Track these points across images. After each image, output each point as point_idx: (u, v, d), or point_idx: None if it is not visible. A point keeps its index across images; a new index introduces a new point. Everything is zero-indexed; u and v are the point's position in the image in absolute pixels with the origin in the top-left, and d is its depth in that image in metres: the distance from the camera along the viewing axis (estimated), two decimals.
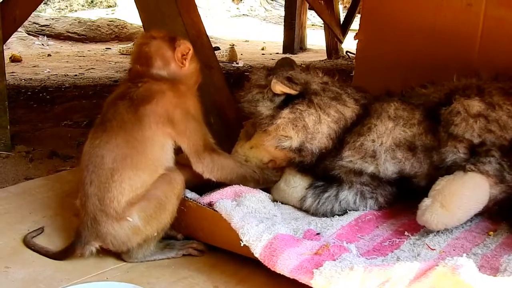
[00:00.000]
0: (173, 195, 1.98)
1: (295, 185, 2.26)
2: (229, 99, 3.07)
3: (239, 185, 2.17)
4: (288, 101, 2.18)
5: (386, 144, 2.15)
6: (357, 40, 3.21)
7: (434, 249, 1.88)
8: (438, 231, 1.97)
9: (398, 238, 2.00)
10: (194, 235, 2.11)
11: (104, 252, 2.02)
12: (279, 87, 2.15)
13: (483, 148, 2.03)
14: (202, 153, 2.05)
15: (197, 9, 3.22)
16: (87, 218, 1.96)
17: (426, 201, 1.97)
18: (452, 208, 1.94)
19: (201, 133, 2.07)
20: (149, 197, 1.95)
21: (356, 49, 3.26)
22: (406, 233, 2.03)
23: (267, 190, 2.28)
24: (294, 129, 2.14)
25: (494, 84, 2.16)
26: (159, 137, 1.99)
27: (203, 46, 3.08)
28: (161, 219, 1.97)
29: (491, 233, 2.01)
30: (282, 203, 2.27)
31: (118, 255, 2.02)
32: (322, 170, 2.22)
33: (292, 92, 2.16)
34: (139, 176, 1.95)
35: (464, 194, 1.97)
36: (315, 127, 2.15)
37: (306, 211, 2.21)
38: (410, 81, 2.40)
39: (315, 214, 2.18)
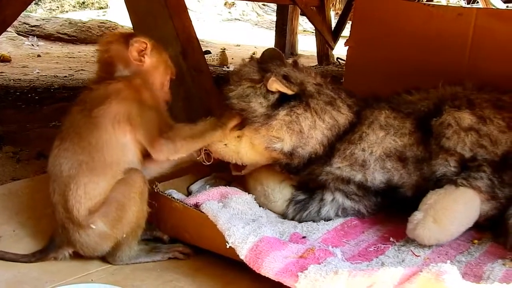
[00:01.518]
0: (133, 194, 1.94)
1: (275, 200, 2.25)
2: (218, 102, 3.07)
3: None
4: (282, 100, 2.12)
5: (376, 154, 2.14)
6: (347, 47, 3.22)
7: (418, 256, 1.89)
8: None
9: (383, 244, 2.01)
10: (180, 236, 2.10)
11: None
12: (276, 85, 2.08)
13: (474, 163, 2.04)
14: (158, 139, 1.95)
15: (188, 13, 3.23)
16: (58, 226, 1.97)
17: (418, 215, 1.97)
18: (445, 224, 1.95)
19: (156, 120, 1.98)
20: (108, 201, 1.92)
21: (347, 55, 3.28)
22: (391, 239, 2.04)
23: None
24: (288, 132, 2.10)
25: (482, 96, 2.17)
26: (118, 138, 1.94)
27: (193, 50, 3.09)
28: (127, 220, 1.94)
29: (476, 241, 2.02)
30: None
31: (104, 257, 2.02)
32: (307, 174, 2.21)
33: (289, 92, 2.10)
34: (95, 183, 1.91)
35: (457, 210, 1.97)
36: (310, 132, 2.12)
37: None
38: (400, 88, 2.40)
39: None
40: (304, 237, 1.99)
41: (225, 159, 2.27)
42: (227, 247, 1.81)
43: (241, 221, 1.88)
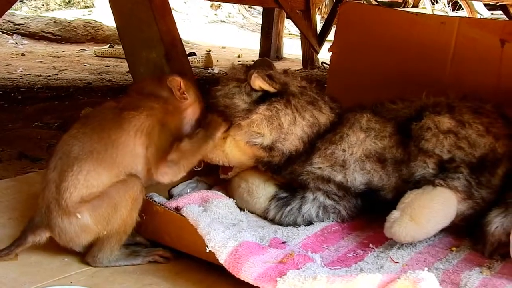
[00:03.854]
0: (128, 197, 1.94)
1: (258, 196, 2.26)
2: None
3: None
4: (264, 98, 2.17)
5: (356, 155, 2.17)
6: (331, 52, 3.24)
7: (397, 262, 1.91)
8: (402, 245, 2.00)
9: (362, 250, 2.02)
10: (160, 239, 2.10)
11: (68, 255, 2.02)
12: (259, 82, 2.14)
13: (452, 164, 2.07)
14: (164, 162, 2.01)
15: (172, 15, 3.23)
16: (43, 205, 1.96)
17: (395, 214, 1.99)
18: (421, 222, 1.96)
19: (169, 144, 2.04)
20: (102, 196, 1.93)
21: (330, 61, 3.29)
22: (370, 245, 2.05)
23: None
24: (268, 126, 2.14)
25: (463, 103, 2.20)
26: (136, 145, 1.99)
27: (177, 53, 3.09)
28: (114, 220, 1.94)
29: (454, 248, 2.04)
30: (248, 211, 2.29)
31: (83, 260, 2.01)
32: (289, 173, 2.23)
33: (271, 89, 2.16)
34: (98, 174, 1.93)
35: (433, 208, 1.99)
36: (289, 128, 2.16)
37: (271, 222, 2.23)
38: (383, 94, 2.42)
39: (279, 225, 2.20)
40: (284, 242, 2.00)
41: (213, 162, 2.31)
42: (207, 251, 1.81)
43: (221, 226, 1.89)
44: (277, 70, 2.33)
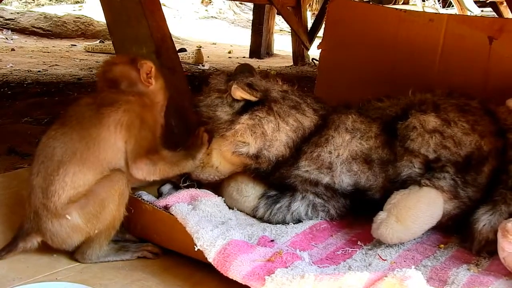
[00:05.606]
0: (114, 192, 1.95)
1: (247, 194, 2.27)
2: (191, 102, 3.07)
3: None
4: (247, 107, 2.18)
5: (343, 156, 2.17)
6: (320, 49, 3.24)
7: (385, 260, 1.92)
8: None
9: (351, 248, 2.03)
10: (149, 238, 2.10)
11: (57, 251, 2.02)
12: (239, 93, 2.14)
13: (438, 163, 2.07)
14: (142, 158, 2.01)
15: (162, 11, 3.22)
16: (30, 211, 1.96)
17: (381, 215, 2.00)
18: (407, 223, 1.97)
19: (148, 141, 2.04)
20: (88, 194, 1.93)
21: (319, 58, 3.30)
22: (359, 242, 2.06)
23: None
24: (252, 135, 2.15)
25: (449, 100, 2.21)
26: (116, 140, 1.98)
27: (167, 49, 3.08)
28: (103, 217, 1.94)
29: (442, 245, 2.05)
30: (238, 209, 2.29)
31: (72, 255, 2.01)
32: (277, 178, 2.23)
33: (252, 98, 2.16)
34: (83, 174, 1.93)
35: (419, 209, 2.00)
36: (274, 134, 2.16)
37: (260, 220, 2.23)
38: (372, 91, 2.43)
39: (268, 222, 2.20)
40: (272, 241, 2.01)
41: (209, 180, 2.32)
42: (196, 249, 1.82)
43: (210, 224, 1.90)
44: (258, 76, 2.32)
